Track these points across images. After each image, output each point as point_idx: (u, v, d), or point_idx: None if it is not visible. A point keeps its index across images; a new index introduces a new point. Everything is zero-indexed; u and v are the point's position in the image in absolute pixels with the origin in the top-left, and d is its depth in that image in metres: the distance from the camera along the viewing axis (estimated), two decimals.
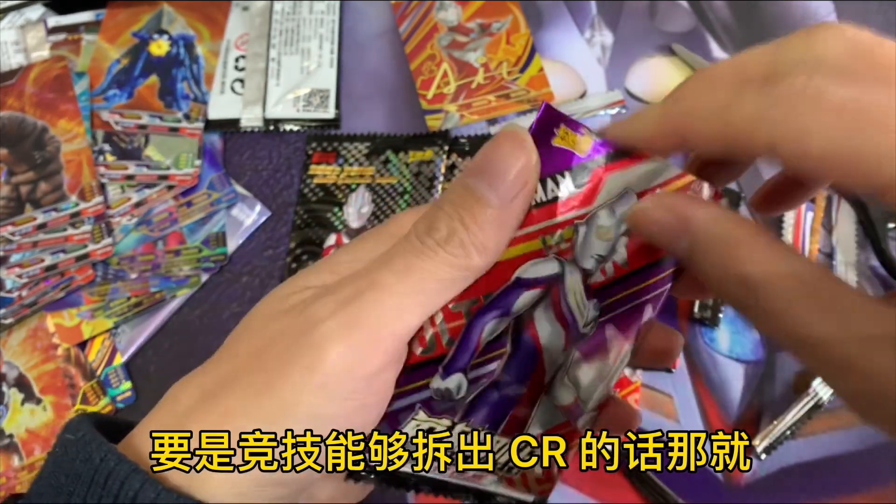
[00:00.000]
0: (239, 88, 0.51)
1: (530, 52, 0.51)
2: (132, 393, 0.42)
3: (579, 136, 0.22)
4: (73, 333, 0.43)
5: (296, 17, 0.52)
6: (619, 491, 0.38)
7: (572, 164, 0.22)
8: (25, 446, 0.41)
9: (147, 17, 0.54)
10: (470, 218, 0.20)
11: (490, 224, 0.20)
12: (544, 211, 0.21)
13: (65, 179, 0.48)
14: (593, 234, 0.22)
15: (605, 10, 0.53)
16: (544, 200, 0.21)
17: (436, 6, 0.53)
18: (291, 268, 0.45)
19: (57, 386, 0.42)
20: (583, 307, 0.22)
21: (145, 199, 0.47)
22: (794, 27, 0.51)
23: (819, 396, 0.39)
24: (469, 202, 0.20)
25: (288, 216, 0.47)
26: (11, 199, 0.48)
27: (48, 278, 0.45)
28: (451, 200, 0.21)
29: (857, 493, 0.38)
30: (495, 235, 0.21)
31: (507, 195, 0.20)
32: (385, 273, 0.20)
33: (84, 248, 0.46)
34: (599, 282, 0.22)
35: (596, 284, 0.22)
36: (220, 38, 0.53)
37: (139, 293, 0.44)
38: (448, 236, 0.20)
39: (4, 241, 0.46)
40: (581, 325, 0.22)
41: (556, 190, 0.21)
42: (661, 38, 0.52)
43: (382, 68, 0.52)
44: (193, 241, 0.46)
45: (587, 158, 0.22)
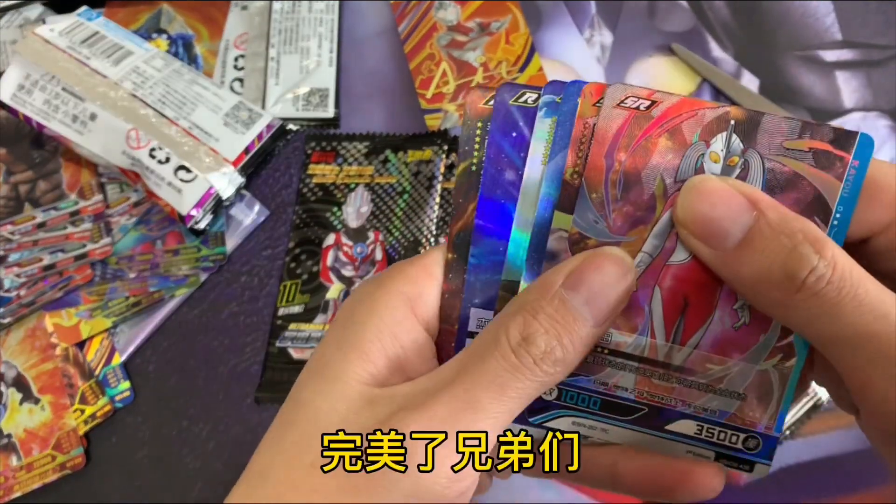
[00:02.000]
0: (238, 88, 0.51)
1: (530, 51, 0.51)
2: (131, 392, 0.42)
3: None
4: (72, 333, 0.43)
5: (295, 16, 0.52)
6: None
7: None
8: (23, 446, 0.41)
9: (146, 16, 0.54)
10: (568, 337, 0.20)
11: (584, 344, 0.20)
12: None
13: (64, 178, 0.48)
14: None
15: (604, 9, 0.53)
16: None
17: (435, 5, 0.53)
18: (290, 267, 0.45)
19: (55, 385, 0.42)
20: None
21: (142, 200, 0.47)
22: (794, 27, 0.51)
23: (818, 396, 0.39)
24: (568, 320, 0.20)
25: (287, 216, 0.47)
26: (10, 199, 0.48)
27: (46, 278, 0.45)
28: (548, 314, 0.20)
29: (857, 493, 0.38)
30: (582, 355, 0.20)
31: (604, 320, 0.20)
32: (480, 392, 0.20)
33: (83, 247, 0.46)
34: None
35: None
36: (219, 37, 0.53)
37: (138, 293, 0.44)
38: (545, 354, 0.20)
39: (4, 241, 0.46)
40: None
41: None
42: (661, 38, 0.52)
43: (382, 68, 0.52)
44: (192, 241, 0.46)
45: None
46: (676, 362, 0.22)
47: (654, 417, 0.22)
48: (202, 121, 0.46)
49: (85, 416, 0.41)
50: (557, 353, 0.20)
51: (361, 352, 0.21)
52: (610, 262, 0.21)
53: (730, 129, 0.21)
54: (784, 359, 0.21)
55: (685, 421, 0.22)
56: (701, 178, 0.21)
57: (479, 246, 0.23)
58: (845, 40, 0.51)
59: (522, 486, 0.39)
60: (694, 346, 0.22)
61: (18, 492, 0.40)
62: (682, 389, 0.22)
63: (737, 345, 0.22)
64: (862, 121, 0.49)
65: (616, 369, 0.22)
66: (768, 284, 0.19)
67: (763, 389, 0.22)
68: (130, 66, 0.46)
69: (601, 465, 0.24)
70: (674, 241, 0.21)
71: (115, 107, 0.45)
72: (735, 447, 0.22)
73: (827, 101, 0.49)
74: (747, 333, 0.21)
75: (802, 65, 0.50)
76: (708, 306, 0.21)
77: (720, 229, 0.20)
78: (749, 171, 0.21)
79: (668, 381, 0.22)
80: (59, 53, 0.46)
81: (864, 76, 0.50)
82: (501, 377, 0.20)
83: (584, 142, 0.22)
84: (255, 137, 0.46)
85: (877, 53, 0.50)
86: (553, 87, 0.23)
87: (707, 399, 0.22)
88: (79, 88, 0.45)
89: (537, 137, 0.23)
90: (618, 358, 0.22)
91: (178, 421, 0.42)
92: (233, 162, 0.45)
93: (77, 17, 0.48)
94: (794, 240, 0.19)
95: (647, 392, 0.22)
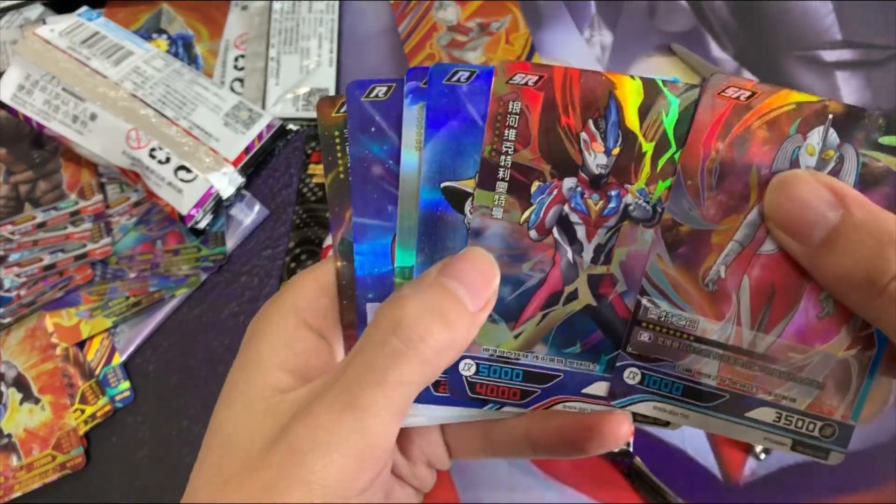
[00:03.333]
0: (238, 88, 0.51)
1: (529, 51, 0.51)
2: (131, 392, 0.42)
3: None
4: (72, 333, 0.43)
5: (295, 16, 0.52)
6: (618, 491, 0.38)
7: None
8: (24, 446, 0.41)
9: (146, 16, 0.54)
10: (445, 317, 0.20)
11: (466, 327, 0.21)
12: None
13: (64, 178, 0.48)
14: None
15: (604, 9, 0.53)
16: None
17: (435, 6, 0.53)
18: (290, 267, 0.45)
19: (55, 385, 0.42)
20: None
21: (142, 200, 0.47)
22: (794, 27, 0.51)
23: None
24: (447, 302, 0.20)
25: (287, 216, 0.47)
26: (10, 199, 0.48)
27: (47, 278, 0.45)
28: (422, 298, 0.20)
29: (857, 492, 0.38)
30: (467, 338, 0.21)
31: (483, 305, 0.21)
32: (358, 389, 0.19)
33: (83, 247, 0.46)
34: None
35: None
36: (219, 37, 0.53)
37: (138, 292, 0.44)
38: (423, 336, 0.20)
39: (4, 241, 0.46)
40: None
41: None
42: (661, 38, 0.52)
43: (382, 67, 0.52)
44: (192, 241, 0.46)
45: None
46: (760, 350, 0.22)
47: (735, 404, 0.23)
48: (202, 121, 0.46)
49: (85, 416, 0.41)
50: (438, 335, 0.20)
51: (261, 367, 0.22)
52: (482, 256, 0.21)
53: (827, 122, 0.21)
54: (864, 349, 0.22)
55: (765, 408, 0.23)
56: (790, 173, 0.21)
57: (362, 243, 0.23)
58: (845, 40, 0.51)
59: (523, 486, 0.39)
60: (778, 335, 0.22)
61: (18, 492, 0.40)
62: (763, 377, 0.22)
63: (819, 334, 0.22)
64: None
65: (700, 356, 0.23)
66: (850, 284, 0.20)
67: (842, 378, 0.22)
68: (130, 67, 0.46)
69: (517, 435, 0.25)
70: (765, 231, 0.22)
71: (116, 107, 0.45)
72: (812, 435, 0.23)
73: None
74: (830, 324, 0.22)
75: (802, 65, 0.50)
76: (794, 296, 0.22)
77: (806, 225, 0.20)
78: (843, 166, 0.21)
79: (750, 369, 0.22)
80: (59, 54, 0.46)
81: (864, 76, 0.50)
82: (379, 368, 0.20)
83: (499, 119, 0.22)
84: (255, 137, 0.46)
85: (877, 53, 0.50)
86: (414, 73, 0.23)
87: (787, 387, 0.22)
88: (79, 88, 0.45)
89: (408, 125, 0.23)
90: (703, 345, 0.22)
91: (178, 421, 0.42)
92: (233, 162, 0.45)
93: (77, 17, 0.48)
94: (879, 242, 0.19)
95: (729, 379, 0.23)
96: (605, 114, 0.22)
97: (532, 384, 0.23)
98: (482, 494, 0.39)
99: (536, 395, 0.24)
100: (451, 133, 0.23)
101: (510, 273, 0.23)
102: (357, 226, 0.24)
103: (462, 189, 0.23)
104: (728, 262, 0.22)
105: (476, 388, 0.24)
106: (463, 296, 0.21)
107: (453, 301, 0.20)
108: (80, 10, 0.49)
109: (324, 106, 0.24)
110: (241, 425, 0.21)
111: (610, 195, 0.22)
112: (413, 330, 0.20)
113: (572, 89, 0.22)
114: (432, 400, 0.24)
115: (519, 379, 0.23)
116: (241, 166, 0.45)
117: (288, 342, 0.23)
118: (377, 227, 0.23)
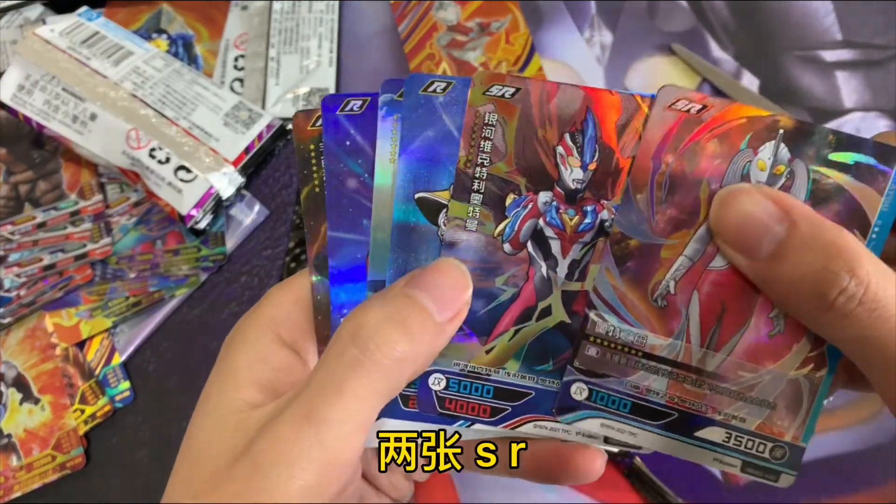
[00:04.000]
0: (238, 88, 0.51)
1: (529, 51, 0.51)
2: (130, 392, 0.42)
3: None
4: (72, 333, 0.43)
5: (295, 16, 0.52)
6: (618, 491, 0.38)
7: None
8: (23, 446, 0.41)
9: (146, 16, 0.54)
10: (407, 327, 0.20)
11: (431, 337, 0.20)
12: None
13: (64, 178, 0.48)
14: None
15: (604, 9, 0.53)
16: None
17: (435, 5, 0.53)
18: (290, 267, 0.45)
19: (55, 385, 0.42)
20: None
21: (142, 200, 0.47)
22: (794, 27, 0.51)
23: None
24: (410, 311, 0.20)
25: (287, 216, 0.47)
26: (10, 199, 0.48)
27: (47, 278, 0.45)
28: (385, 307, 0.20)
29: (857, 493, 0.38)
30: (432, 350, 0.20)
31: (450, 317, 0.21)
32: (317, 401, 0.19)
33: (83, 247, 0.46)
34: None
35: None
36: (219, 37, 0.53)
37: (138, 292, 0.44)
38: (381, 345, 0.19)
39: (4, 241, 0.46)
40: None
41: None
42: (661, 38, 0.52)
43: (382, 67, 0.52)
44: (192, 241, 0.46)
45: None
46: (710, 368, 0.22)
47: (684, 423, 0.22)
48: (202, 121, 0.46)
49: (85, 416, 0.41)
50: (398, 344, 0.19)
51: (234, 381, 0.22)
52: (452, 267, 0.21)
53: (779, 137, 0.21)
54: (815, 369, 0.21)
55: (714, 428, 0.22)
56: (735, 187, 0.21)
57: (336, 257, 0.23)
58: (845, 40, 0.51)
59: (523, 487, 0.39)
60: (728, 353, 0.22)
61: (18, 492, 0.40)
62: (713, 396, 0.22)
63: (770, 353, 0.21)
64: (862, 121, 0.49)
65: (649, 372, 0.22)
66: (800, 298, 0.19)
67: (793, 399, 0.22)
68: (130, 67, 0.46)
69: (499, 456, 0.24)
70: (715, 246, 0.21)
71: (115, 107, 0.45)
72: (762, 456, 0.22)
73: (827, 101, 0.49)
74: (781, 342, 0.21)
75: (802, 65, 0.50)
76: (744, 313, 0.21)
77: (752, 240, 0.20)
78: (794, 181, 0.21)
79: (699, 387, 0.22)
80: (59, 54, 0.46)
81: (864, 76, 0.50)
82: (337, 379, 0.19)
83: (475, 130, 0.22)
84: (255, 137, 0.46)
85: (877, 53, 0.50)
86: (389, 85, 0.23)
87: (738, 406, 0.22)
88: (79, 89, 0.45)
89: (382, 137, 0.23)
90: (651, 361, 0.22)
91: (178, 421, 0.42)
92: (233, 162, 0.45)
93: (77, 17, 0.48)
94: (826, 255, 0.18)
95: (678, 397, 0.22)
96: (582, 128, 0.22)
97: (503, 401, 0.23)
98: (482, 495, 0.39)
99: (507, 412, 0.23)
100: (426, 144, 0.23)
101: (483, 286, 0.22)
102: (332, 240, 0.23)
103: (436, 200, 0.23)
104: (677, 277, 0.22)
105: (446, 403, 0.23)
106: (429, 305, 0.20)
107: (417, 310, 0.20)
108: (80, 10, 0.49)
109: (299, 120, 0.24)
110: (211, 439, 0.21)
111: (586, 210, 0.22)
112: (371, 339, 0.19)
113: (549, 103, 0.22)
114: (401, 415, 0.23)
115: (490, 395, 0.23)
116: (241, 166, 0.45)
117: (262, 357, 0.22)
118: (352, 242, 0.23)
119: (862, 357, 0.19)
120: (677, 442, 0.23)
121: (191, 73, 0.48)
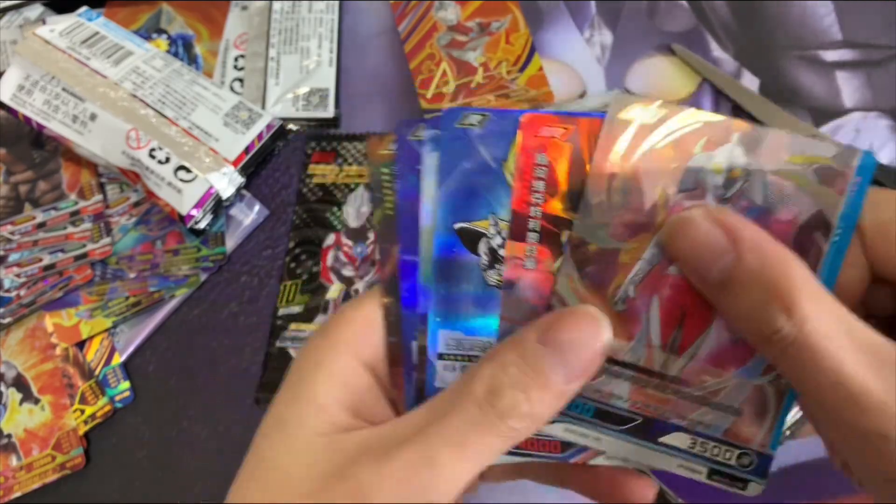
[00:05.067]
0: (238, 88, 0.51)
1: (530, 51, 0.51)
2: (130, 393, 0.42)
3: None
4: (72, 333, 0.43)
5: (295, 16, 0.52)
6: None
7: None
8: (23, 446, 0.41)
9: (146, 16, 0.54)
10: (537, 392, 0.20)
11: (554, 401, 0.20)
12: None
13: (64, 178, 0.48)
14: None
15: (604, 9, 0.53)
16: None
17: (435, 5, 0.53)
18: (290, 267, 0.45)
19: (55, 386, 0.42)
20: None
21: (142, 200, 0.47)
22: (794, 27, 0.51)
23: None
24: (539, 374, 0.20)
25: (287, 216, 0.47)
26: (10, 199, 0.48)
27: (46, 278, 0.45)
28: (518, 367, 0.20)
29: (857, 492, 0.38)
30: (552, 412, 0.20)
31: (577, 377, 0.20)
32: (440, 449, 0.19)
33: (83, 247, 0.46)
34: None
35: None
36: (219, 37, 0.53)
37: (138, 293, 0.44)
38: (510, 408, 0.20)
39: (4, 241, 0.46)
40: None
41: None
42: (661, 38, 0.52)
43: (382, 67, 0.52)
44: (192, 241, 0.46)
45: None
46: (672, 373, 0.22)
47: (648, 428, 0.22)
48: (202, 121, 0.46)
49: (85, 416, 0.41)
50: (524, 407, 0.20)
51: (315, 404, 0.22)
52: (586, 320, 0.21)
53: (733, 141, 0.21)
54: (780, 375, 0.21)
55: (679, 434, 0.22)
56: (685, 215, 0.21)
57: (407, 281, 0.23)
58: (845, 40, 0.51)
59: (523, 488, 0.39)
60: (690, 357, 0.21)
61: (18, 492, 0.40)
62: (676, 401, 0.22)
63: (734, 358, 0.21)
64: (862, 121, 0.49)
65: (611, 377, 0.22)
66: (745, 329, 0.20)
67: (759, 405, 0.21)
68: (130, 67, 0.46)
69: (549, 468, 0.25)
70: None
71: (115, 107, 0.45)
72: (728, 463, 0.22)
73: (827, 101, 0.49)
74: (745, 347, 0.21)
75: (802, 65, 0.50)
76: (705, 318, 0.21)
77: (702, 269, 0.20)
78: (750, 185, 0.21)
79: (663, 392, 0.22)
80: (59, 54, 0.46)
81: (864, 76, 0.50)
82: (462, 433, 0.19)
83: (528, 172, 0.22)
84: (255, 137, 0.46)
85: (877, 53, 0.50)
86: (444, 118, 0.23)
87: (702, 412, 0.22)
88: (79, 89, 0.45)
89: (427, 172, 0.23)
90: (613, 366, 0.22)
91: (178, 421, 0.42)
92: (233, 162, 0.45)
93: (77, 17, 0.48)
94: (766, 294, 0.18)
95: (641, 402, 0.22)
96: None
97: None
98: (482, 495, 0.39)
99: (577, 447, 0.23)
100: (463, 175, 0.23)
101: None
102: (402, 263, 0.23)
103: (475, 230, 0.23)
104: (637, 281, 0.21)
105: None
106: (557, 370, 0.20)
107: (545, 374, 0.20)
108: (80, 10, 0.49)
109: (373, 141, 0.24)
110: (300, 461, 0.21)
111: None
112: (501, 401, 0.20)
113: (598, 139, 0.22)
114: None
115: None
116: (241, 166, 0.45)
117: (343, 379, 0.22)
118: (419, 266, 0.23)
119: (801, 391, 0.19)
120: (642, 448, 0.22)
121: (191, 73, 0.48)
